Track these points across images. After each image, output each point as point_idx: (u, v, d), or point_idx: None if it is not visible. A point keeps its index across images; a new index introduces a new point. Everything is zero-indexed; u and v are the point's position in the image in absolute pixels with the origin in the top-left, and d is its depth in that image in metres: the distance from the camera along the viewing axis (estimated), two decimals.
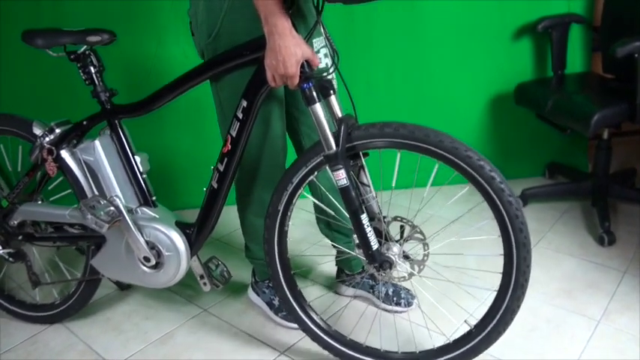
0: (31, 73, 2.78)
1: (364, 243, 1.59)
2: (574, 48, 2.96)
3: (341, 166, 1.49)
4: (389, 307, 2.08)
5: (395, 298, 2.07)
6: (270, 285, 2.09)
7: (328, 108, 1.55)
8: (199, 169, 2.83)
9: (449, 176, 1.52)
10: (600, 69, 2.82)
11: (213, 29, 1.62)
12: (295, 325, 1.94)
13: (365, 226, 1.56)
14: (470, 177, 1.46)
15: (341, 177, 1.50)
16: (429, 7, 2.83)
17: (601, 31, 2.82)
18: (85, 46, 1.78)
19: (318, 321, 1.81)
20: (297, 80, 1.43)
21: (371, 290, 2.13)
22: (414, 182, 1.65)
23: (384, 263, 1.61)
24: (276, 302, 2.07)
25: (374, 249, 1.59)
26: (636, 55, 2.23)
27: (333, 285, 2.27)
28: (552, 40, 2.86)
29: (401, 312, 2.06)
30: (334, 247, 2.06)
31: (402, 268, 1.65)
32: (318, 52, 1.66)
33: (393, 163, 1.60)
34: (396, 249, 1.62)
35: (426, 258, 1.62)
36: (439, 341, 1.78)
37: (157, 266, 1.79)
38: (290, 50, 1.38)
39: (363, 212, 1.55)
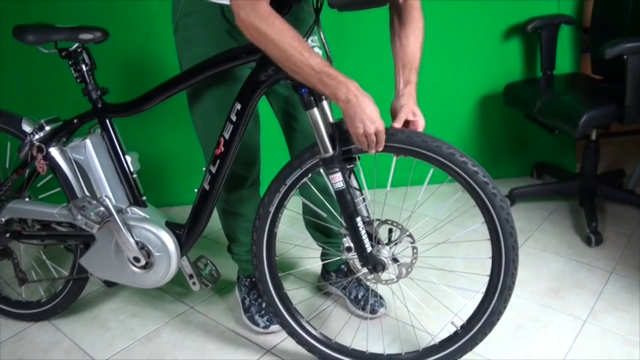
0: (20, 68, 2.75)
1: (359, 246, 1.59)
2: (563, 49, 2.97)
3: (337, 169, 1.50)
4: (354, 310, 2.08)
5: (362, 303, 2.06)
6: (247, 284, 2.10)
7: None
8: (188, 167, 2.84)
9: (435, 175, 1.57)
10: (589, 70, 2.84)
11: (174, 21, 1.69)
12: (258, 329, 1.99)
13: (360, 229, 1.57)
14: (464, 182, 1.48)
15: (337, 180, 1.50)
16: None
17: (590, 32, 2.83)
18: (76, 44, 1.76)
19: (304, 324, 1.81)
20: (384, 132, 1.43)
21: (343, 290, 2.12)
22: (408, 182, 1.67)
23: (377, 265, 1.61)
24: (247, 302, 2.06)
25: (368, 251, 1.60)
26: (625, 57, 2.24)
27: (318, 281, 2.28)
28: (542, 41, 2.86)
29: (364, 317, 2.04)
30: (320, 245, 2.10)
31: (390, 271, 1.66)
32: None
33: (382, 162, 1.62)
34: (385, 252, 1.63)
35: (414, 261, 1.63)
36: (425, 341, 1.80)
37: (146, 266, 1.78)
38: (370, 108, 1.38)
39: (357, 215, 1.56)
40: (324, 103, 1.51)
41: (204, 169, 1.71)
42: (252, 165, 1.89)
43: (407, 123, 1.53)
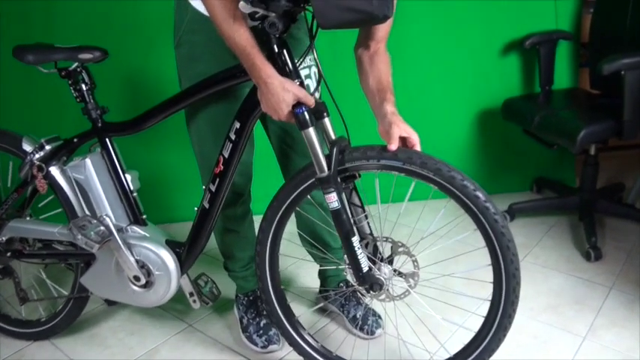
0: (21, 88, 2.77)
1: (355, 265, 1.58)
2: (561, 64, 2.98)
3: (333, 189, 1.48)
4: (351, 329, 2.06)
5: (360, 323, 2.04)
6: (244, 302, 2.10)
7: (322, 130, 1.55)
8: (188, 183, 2.84)
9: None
10: (588, 85, 2.85)
11: (176, 37, 1.69)
12: (256, 348, 1.98)
13: (356, 249, 1.55)
14: (464, 206, 1.47)
15: (332, 200, 1.49)
16: (415, 23, 2.83)
17: (588, 48, 2.84)
18: (76, 63, 1.77)
19: (307, 338, 1.81)
20: (293, 121, 1.46)
21: (341, 308, 2.11)
22: (406, 198, 1.67)
23: (374, 285, 1.60)
24: (245, 321, 2.06)
25: (364, 271, 1.59)
26: (623, 72, 2.24)
27: (316, 299, 2.28)
28: (540, 56, 2.88)
29: (362, 338, 2.03)
30: (317, 262, 2.10)
31: (398, 284, 1.65)
32: (307, 75, 1.67)
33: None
34: (386, 269, 1.62)
35: (417, 277, 1.62)
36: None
37: (146, 285, 1.78)
38: (279, 97, 1.41)
39: (354, 235, 1.54)
40: (326, 120, 1.52)
41: (203, 187, 1.72)
42: (245, 183, 1.89)
43: (402, 140, 1.51)
